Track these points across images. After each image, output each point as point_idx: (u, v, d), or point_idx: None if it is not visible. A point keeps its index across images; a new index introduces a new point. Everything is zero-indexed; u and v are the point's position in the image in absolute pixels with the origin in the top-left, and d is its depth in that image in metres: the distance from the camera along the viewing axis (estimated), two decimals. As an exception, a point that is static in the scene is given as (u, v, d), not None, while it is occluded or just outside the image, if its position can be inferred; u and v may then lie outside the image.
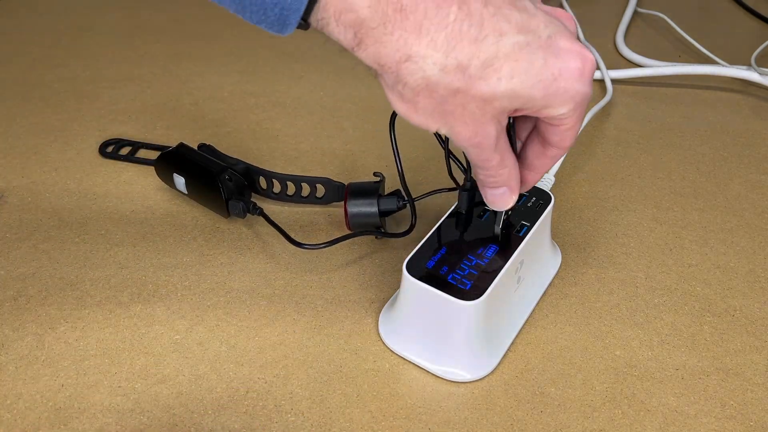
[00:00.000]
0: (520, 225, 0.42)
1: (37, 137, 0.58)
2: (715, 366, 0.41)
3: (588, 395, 0.39)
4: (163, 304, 0.44)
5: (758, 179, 0.56)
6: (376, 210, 0.47)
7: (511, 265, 0.40)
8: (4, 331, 0.42)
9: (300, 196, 0.51)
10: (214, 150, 0.51)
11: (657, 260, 0.48)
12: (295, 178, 0.50)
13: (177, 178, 0.49)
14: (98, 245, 0.48)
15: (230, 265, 0.47)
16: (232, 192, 0.48)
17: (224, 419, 0.38)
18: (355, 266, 0.47)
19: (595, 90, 0.67)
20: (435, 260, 0.39)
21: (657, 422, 0.38)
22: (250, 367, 0.40)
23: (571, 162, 0.57)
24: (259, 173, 0.50)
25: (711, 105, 0.65)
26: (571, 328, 0.43)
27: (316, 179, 0.50)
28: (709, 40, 0.75)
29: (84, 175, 0.54)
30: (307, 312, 0.44)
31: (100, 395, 0.39)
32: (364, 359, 0.41)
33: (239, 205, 0.47)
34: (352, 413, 0.38)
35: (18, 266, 0.46)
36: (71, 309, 0.44)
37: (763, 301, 0.45)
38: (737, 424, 0.38)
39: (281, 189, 0.51)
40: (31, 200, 0.52)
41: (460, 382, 0.40)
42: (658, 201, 0.53)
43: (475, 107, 0.30)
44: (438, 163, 0.56)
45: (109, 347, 0.41)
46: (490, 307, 0.38)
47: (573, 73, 0.31)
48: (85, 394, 0.39)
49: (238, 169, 0.49)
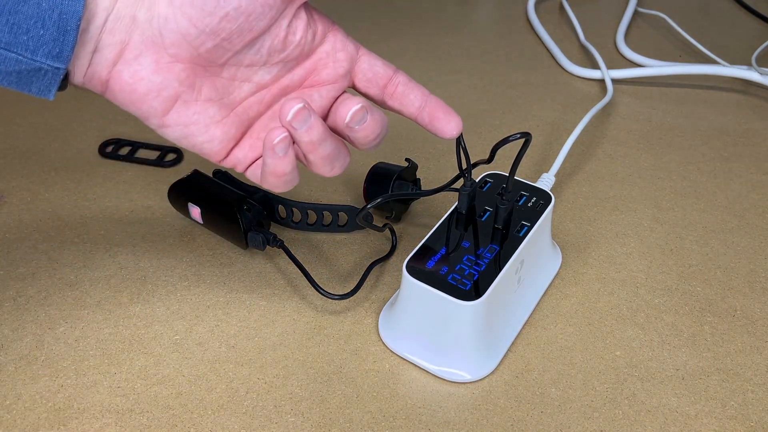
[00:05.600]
0: (520, 225, 0.42)
1: (37, 137, 0.58)
2: (716, 366, 0.41)
3: (588, 395, 0.39)
4: (163, 305, 0.44)
5: (759, 179, 0.56)
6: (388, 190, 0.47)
7: (512, 266, 0.40)
8: (3, 332, 0.42)
9: (321, 224, 0.49)
10: (231, 177, 0.50)
11: (657, 260, 0.48)
12: (316, 206, 0.48)
13: (192, 207, 0.47)
14: (98, 245, 0.48)
15: (230, 265, 0.47)
16: (251, 223, 0.45)
17: (224, 419, 0.38)
18: (355, 266, 0.47)
19: (596, 90, 0.67)
20: (435, 260, 0.39)
21: (657, 422, 0.38)
22: (250, 367, 0.40)
23: (571, 162, 0.57)
24: (279, 202, 0.48)
25: (711, 105, 0.65)
26: (571, 328, 0.43)
27: (339, 207, 0.48)
28: (709, 40, 0.75)
29: (84, 175, 0.54)
30: (307, 312, 0.44)
31: (99, 395, 0.39)
32: (364, 359, 0.41)
33: (258, 238, 0.45)
34: (352, 413, 0.38)
35: (18, 266, 0.46)
36: (71, 309, 0.44)
37: (763, 302, 0.45)
38: (738, 424, 0.38)
39: (302, 218, 0.49)
40: (31, 200, 0.52)
41: (460, 382, 0.40)
42: (658, 201, 0.53)
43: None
44: (437, 163, 0.56)
45: (109, 347, 0.41)
46: (491, 307, 0.38)
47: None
48: (85, 395, 0.39)
49: (257, 198, 0.48)
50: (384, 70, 0.37)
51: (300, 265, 0.44)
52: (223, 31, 0.32)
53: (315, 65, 0.36)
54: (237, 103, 0.36)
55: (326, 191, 0.53)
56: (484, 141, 0.59)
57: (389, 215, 0.50)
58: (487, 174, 0.46)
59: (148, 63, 0.32)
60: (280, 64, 0.35)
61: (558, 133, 0.60)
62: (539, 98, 0.66)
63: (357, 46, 0.37)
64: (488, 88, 0.67)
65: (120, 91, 0.33)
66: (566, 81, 0.69)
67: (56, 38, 0.30)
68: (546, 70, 0.70)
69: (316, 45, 0.35)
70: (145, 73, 0.32)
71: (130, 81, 0.33)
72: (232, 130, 0.36)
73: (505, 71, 0.70)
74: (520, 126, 0.62)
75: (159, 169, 0.55)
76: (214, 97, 0.35)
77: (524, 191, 0.44)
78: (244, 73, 0.35)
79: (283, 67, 0.35)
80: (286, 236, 0.49)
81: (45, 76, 0.31)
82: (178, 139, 0.35)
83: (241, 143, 0.36)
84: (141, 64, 0.32)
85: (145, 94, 0.33)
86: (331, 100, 0.37)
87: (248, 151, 0.37)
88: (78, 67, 0.32)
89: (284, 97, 0.36)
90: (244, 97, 0.36)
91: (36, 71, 0.31)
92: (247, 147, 0.36)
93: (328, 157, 0.35)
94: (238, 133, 0.36)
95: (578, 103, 0.65)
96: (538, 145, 0.59)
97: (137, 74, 0.32)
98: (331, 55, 0.36)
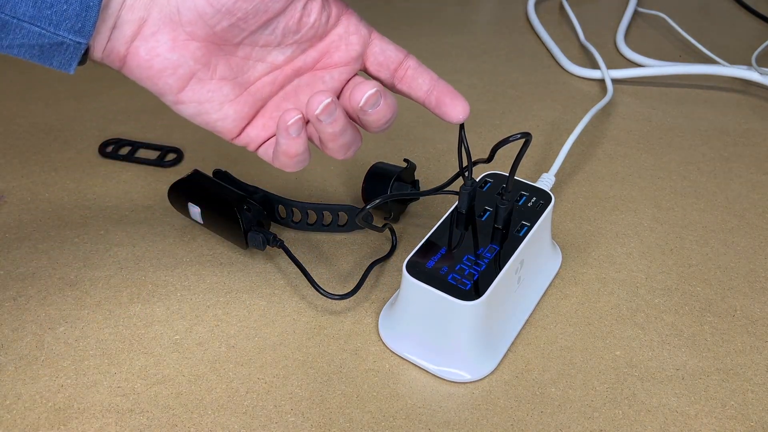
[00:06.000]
0: (520, 225, 0.42)
1: (37, 137, 0.58)
2: (716, 366, 0.41)
3: (588, 395, 0.39)
4: (163, 304, 0.44)
5: (759, 179, 0.56)
6: (387, 190, 0.47)
7: (512, 265, 0.40)
8: (3, 331, 0.42)
9: (321, 224, 0.49)
10: (231, 177, 0.50)
11: (657, 260, 0.48)
12: (316, 206, 0.48)
13: (192, 207, 0.47)
14: (98, 245, 0.48)
15: (230, 265, 0.47)
16: (251, 222, 0.45)
17: (224, 419, 0.38)
18: (355, 266, 0.47)
19: (596, 90, 0.67)
20: (435, 260, 0.39)
21: (657, 422, 0.38)
22: (250, 367, 0.40)
23: (571, 162, 0.57)
24: (279, 201, 0.48)
25: (711, 105, 0.65)
26: (571, 328, 0.43)
27: (339, 207, 0.48)
28: (709, 40, 0.75)
29: (84, 174, 0.54)
30: (307, 312, 0.44)
31: (99, 395, 0.39)
32: (364, 359, 0.41)
33: (258, 237, 0.45)
34: (352, 413, 0.38)
35: (18, 266, 0.46)
36: (71, 309, 0.44)
37: (763, 302, 0.45)
38: (738, 424, 0.38)
39: (302, 218, 0.49)
40: (31, 200, 0.52)
41: (460, 382, 0.40)
42: (658, 201, 0.53)
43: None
44: (437, 164, 0.56)
45: (109, 347, 0.41)
46: (491, 307, 0.38)
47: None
48: (85, 395, 0.39)
49: (257, 198, 0.48)
50: (395, 54, 0.37)
51: (300, 265, 0.44)
52: (239, 11, 0.32)
53: (328, 47, 0.37)
54: (251, 83, 0.36)
55: (326, 191, 0.53)
56: (484, 141, 0.59)
57: (388, 216, 0.50)
58: (487, 174, 0.46)
59: (165, 40, 0.33)
60: (294, 45, 0.36)
61: (558, 133, 0.60)
62: (539, 98, 0.66)
63: (370, 29, 0.37)
64: (488, 88, 0.67)
65: (137, 67, 0.34)
66: (566, 81, 0.69)
67: (79, 13, 0.31)
68: (546, 70, 0.70)
69: (330, 27, 0.36)
70: (162, 49, 0.33)
71: (146, 57, 0.33)
72: (246, 108, 0.36)
73: (505, 71, 0.70)
74: (520, 126, 0.62)
75: (159, 169, 0.55)
76: (228, 75, 0.35)
77: (524, 191, 0.44)
78: (258, 53, 0.36)
79: (296, 48, 0.36)
80: (286, 236, 0.49)
81: (66, 51, 0.32)
82: (193, 116, 0.36)
83: (254, 122, 0.37)
84: (158, 41, 0.33)
85: (161, 71, 0.34)
86: (342, 83, 0.37)
87: (260, 130, 0.37)
88: (98, 43, 0.33)
89: (297, 78, 0.37)
90: (257, 76, 0.36)
91: (58, 45, 0.31)
92: (259, 126, 0.37)
93: (346, 144, 0.36)
94: (251, 112, 0.37)
95: (578, 103, 0.65)
96: (538, 145, 0.59)
97: (154, 50, 0.33)
98: (344, 37, 0.36)
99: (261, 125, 0.37)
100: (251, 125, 0.37)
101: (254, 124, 0.37)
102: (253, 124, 0.37)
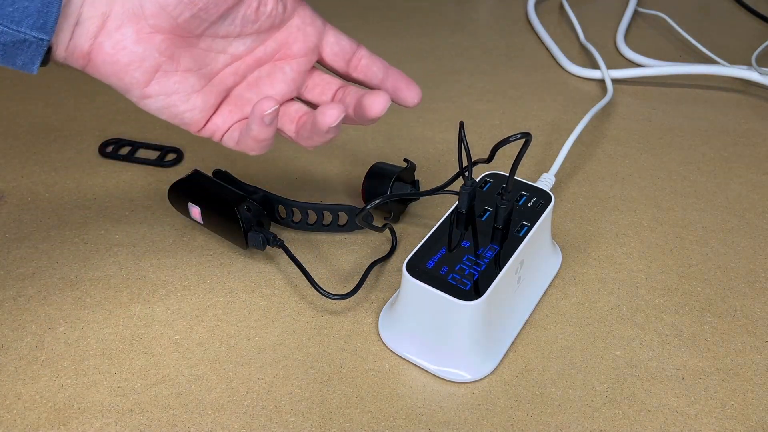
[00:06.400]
0: (520, 225, 0.42)
1: (37, 137, 0.58)
2: (716, 366, 0.41)
3: (588, 395, 0.39)
4: (163, 304, 0.44)
5: (759, 179, 0.56)
6: (387, 189, 0.47)
7: (512, 265, 0.40)
8: (3, 331, 0.42)
9: (321, 224, 0.49)
10: (231, 177, 0.50)
11: (657, 260, 0.48)
12: (316, 206, 0.48)
13: (192, 207, 0.47)
14: (98, 245, 0.48)
15: (230, 265, 0.47)
16: (251, 223, 0.45)
17: (224, 419, 0.38)
18: (355, 266, 0.47)
19: (596, 90, 0.67)
20: (435, 260, 0.39)
21: (657, 422, 0.38)
22: (250, 367, 0.40)
23: (571, 162, 0.57)
24: (279, 201, 0.48)
25: (711, 105, 0.65)
26: (571, 328, 0.43)
27: (339, 207, 0.48)
28: (709, 40, 0.75)
29: (83, 174, 0.54)
30: (307, 312, 0.44)
31: (99, 395, 0.39)
32: (364, 359, 0.41)
33: (258, 237, 0.45)
34: (352, 413, 0.38)
35: (18, 266, 0.46)
36: (71, 309, 0.44)
37: (763, 301, 0.45)
38: (738, 424, 0.38)
39: (302, 218, 0.49)
40: (31, 200, 0.52)
41: (460, 382, 0.40)
42: (658, 201, 0.53)
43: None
44: (436, 164, 0.56)
45: (109, 347, 0.41)
46: (491, 307, 0.38)
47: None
48: (85, 395, 0.39)
49: (257, 198, 0.48)
50: (349, 45, 0.39)
51: (300, 265, 0.44)
52: (200, 1, 0.33)
53: (286, 39, 0.38)
54: (214, 74, 0.38)
55: (326, 191, 0.53)
56: (484, 141, 0.59)
57: (388, 216, 0.50)
58: (487, 174, 0.46)
59: (130, 33, 0.34)
60: (253, 35, 0.37)
61: (558, 133, 0.60)
62: (539, 98, 0.66)
63: (324, 21, 0.39)
64: (488, 88, 0.67)
65: (102, 62, 0.34)
66: (566, 81, 0.69)
67: (40, 9, 0.31)
68: (546, 70, 0.70)
69: (286, 18, 0.38)
70: (127, 43, 0.34)
71: (111, 52, 0.34)
72: (211, 98, 0.38)
73: (505, 71, 0.70)
74: (520, 126, 0.62)
75: (159, 169, 0.55)
76: (192, 67, 0.36)
77: (524, 191, 0.44)
78: (219, 45, 0.37)
79: (256, 39, 0.38)
80: (286, 236, 0.49)
81: (29, 48, 0.32)
82: (160, 110, 0.37)
83: (219, 110, 0.39)
84: (123, 34, 0.33)
85: (128, 65, 0.34)
86: (301, 74, 0.39)
87: (227, 116, 0.39)
88: (61, 41, 0.33)
89: (258, 68, 0.39)
90: (220, 68, 0.38)
91: (20, 43, 0.31)
92: (225, 113, 0.39)
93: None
94: (216, 101, 0.38)
95: (578, 103, 0.65)
96: (538, 145, 0.59)
97: (119, 44, 0.34)
98: (301, 29, 0.38)
99: (227, 112, 0.39)
100: (217, 113, 0.38)
101: (220, 112, 0.39)
102: (219, 112, 0.39)
